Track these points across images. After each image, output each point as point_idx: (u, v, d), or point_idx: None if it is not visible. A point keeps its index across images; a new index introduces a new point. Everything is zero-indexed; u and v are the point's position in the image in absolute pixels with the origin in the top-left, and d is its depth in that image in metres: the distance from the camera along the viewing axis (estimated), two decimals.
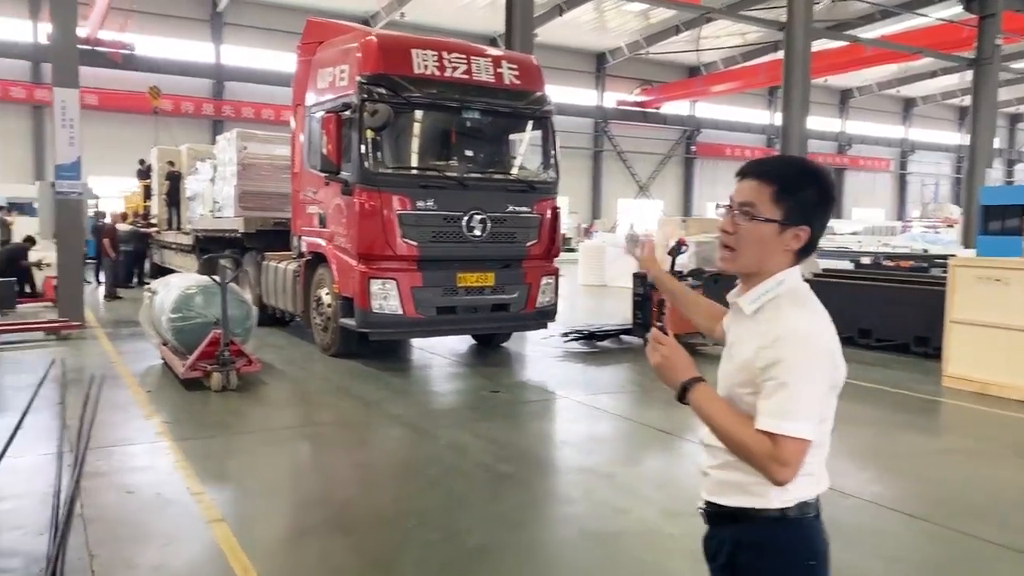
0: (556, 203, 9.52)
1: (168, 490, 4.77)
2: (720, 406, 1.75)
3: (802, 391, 1.65)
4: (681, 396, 1.78)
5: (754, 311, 1.78)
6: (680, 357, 1.78)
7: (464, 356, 9.81)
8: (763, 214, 1.76)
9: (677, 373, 1.77)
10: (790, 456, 1.63)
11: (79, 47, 29.44)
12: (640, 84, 41.75)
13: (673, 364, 1.78)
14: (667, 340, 1.81)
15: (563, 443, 6.10)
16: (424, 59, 8.61)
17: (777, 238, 1.76)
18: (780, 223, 1.76)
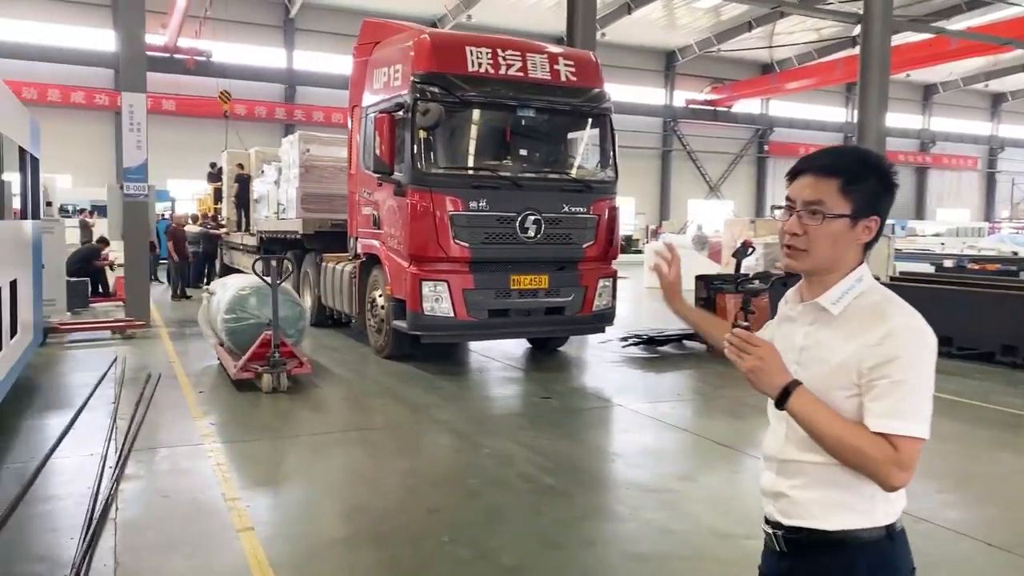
0: (615, 203, 9.21)
1: (204, 496, 4.69)
2: (827, 410, 1.62)
3: (919, 388, 1.58)
4: (781, 401, 1.64)
5: (841, 310, 1.68)
6: (776, 360, 1.66)
7: (519, 360, 9.60)
8: (833, 210, 1.67)
9: (774, 376, 1.65)
10: (911, 458, 1.55)
11: (158, 55, 30.53)
12: (710, 82, 40.83)
13: (771, 367, 1.65)
14: (759, 341, 1.68)
15: (613, 455, 5.81)
16: (478, 57, 8.43)
17: (849, 233, 1.68)
18: (851, 217, 1.68)
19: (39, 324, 8.59)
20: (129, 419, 6.34)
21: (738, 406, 7.38)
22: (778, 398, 1.64)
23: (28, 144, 7.74)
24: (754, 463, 5.54)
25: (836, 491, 1.64)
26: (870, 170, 1.70)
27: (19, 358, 6.91)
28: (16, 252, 6.93)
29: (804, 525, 1.69)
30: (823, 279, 1.72)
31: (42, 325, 8.96)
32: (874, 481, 1.57)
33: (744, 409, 7.25)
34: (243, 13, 32.73)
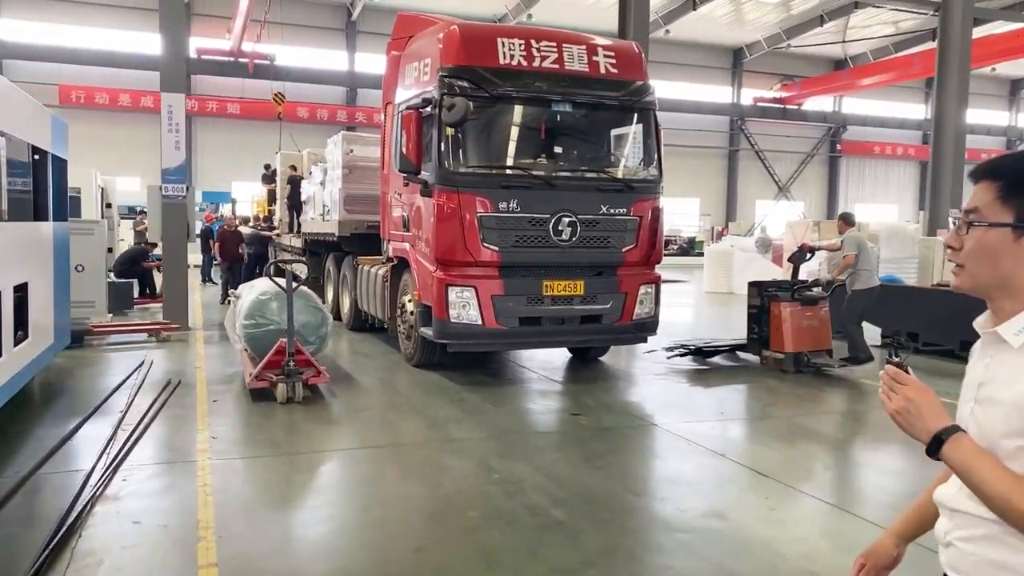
0: (659, 204, 8.58)
1: (177, 522, 4.31)
2: (991, 463, 1.41)
3: None
4: (933, 450, 1.45)
5: (1022, 343, 1.43)
6: (929, 400, 1.48)
7: (556, 371, 9.05)
8: (988, 218, 1.47)
9: (926, 421, 1.47)
10: None
11: (223, 59, 31.00)
12: (780, 79, 39.40)
13: (920, 408, 1.47)
14: (909, 380, 1.50)
15: (637, 485, 5.22)
16: (510, 49, 7.92)
17: (1013, 245, 1.44)
18: (1013, 226, 1.44)
19: (64, 327, 8.45)
20: (131, 430, 6.06)
21: (787, 429, 6.68)
22: (929, 445, 1.45)
23: (48, 144, 7.58)
24: (795, 499, 4.89)
25: (1008, 552, 1.42)
26: None
27: (28, 364, 6.71)
28: (25, 254, 6.73)
29: None
30: (1000, 303, 1.49)
31: (68, 328, 8.82)
32: None
33: (793, 433, 6.56)
34: (306, 16, 33.05)
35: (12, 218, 6.37)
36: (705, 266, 20.70)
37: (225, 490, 4.83)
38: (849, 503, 4.89)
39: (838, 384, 8.43)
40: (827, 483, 5.51)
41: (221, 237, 16.17)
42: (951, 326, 9.08)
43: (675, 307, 16.38)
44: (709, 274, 20.18)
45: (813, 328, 8.99)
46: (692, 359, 9.55)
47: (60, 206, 8.48)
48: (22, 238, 6.63)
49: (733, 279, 19.82)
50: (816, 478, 5.55)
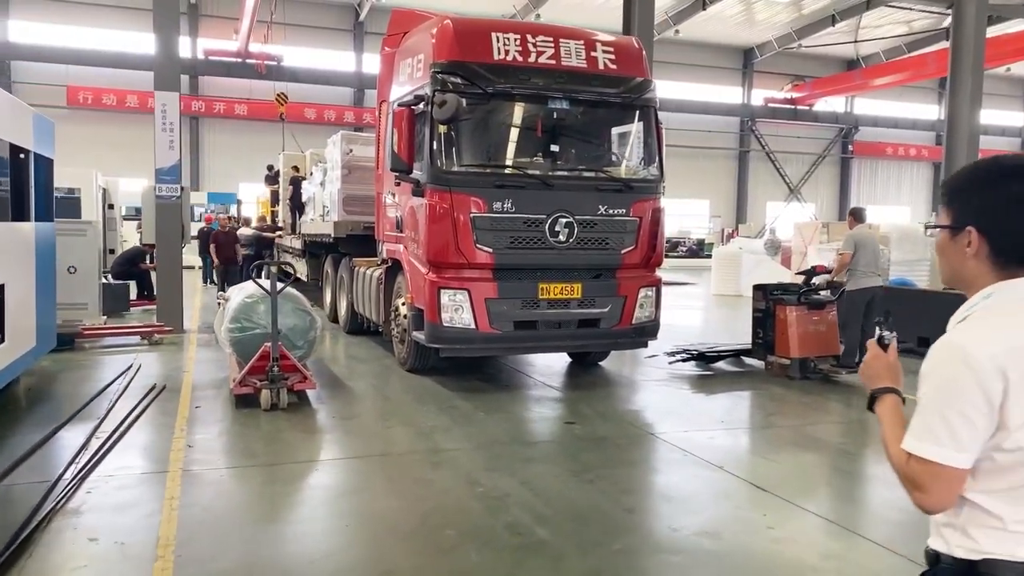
0: (659, 204, 8.29)
1: (135, 540, 4.06)
2: (893, 421, 1.68)
3: (937, 408, 1.53)
4: (870, 404, 1.76)
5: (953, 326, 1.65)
6: (880, 366, 1.77)
7: (554, 376, 8.77)
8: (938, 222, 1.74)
9: (871, 380, 1.77)
10: (924, 481, 1.54)
11: (231, 60, 30.86)
12: (791, 80, 38.99)
13: (869, 371, 1.79)
14: (873, 347, 1.80)
15: (627, 500, 4.92)
16: (505, 43, 7.66)
17: (950, 244, 1.70)
18: (950, 228, 1.69)
19: (48, 329, 8.24)
20: (105, 438, 5.83)
21: (791, 439, 6.39)
22: (868, 402, 1.76)
23: (29, 142, 7.37)
24: (796, 516, 4.60)
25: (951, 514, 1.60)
26: (972, 180, 1.69)
27: (4, 368, 6.50)
28: (2, 256, 6.52)
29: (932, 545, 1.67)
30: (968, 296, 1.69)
31: (54, 330, 8.62)
32: None
33: (797, 443, 6.27)
34: (314, 17, 32.94)
35: None
36: (713, 268, 20.36)
37: (193, 504, 4.59)
38: (854, 522, 4.59)
39: (846, 391, 8.11)
40: (831, 499, 5.20)
41: (215, 239, 15.95)
42: None
43: (682, 310, 16.08)
44: (717, 276, 19.85)
45: (820, 333, 8.68)
46: (695, 364, 9.26)
47: (45, 206, 8.28)
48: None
49: (741, 281, 19.47)
50: (820, 493, 5.26)
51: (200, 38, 32.14)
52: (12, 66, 30.12)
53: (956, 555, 1.57)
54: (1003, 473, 1.52)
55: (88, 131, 29.97)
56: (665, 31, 32.24)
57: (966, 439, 1.50)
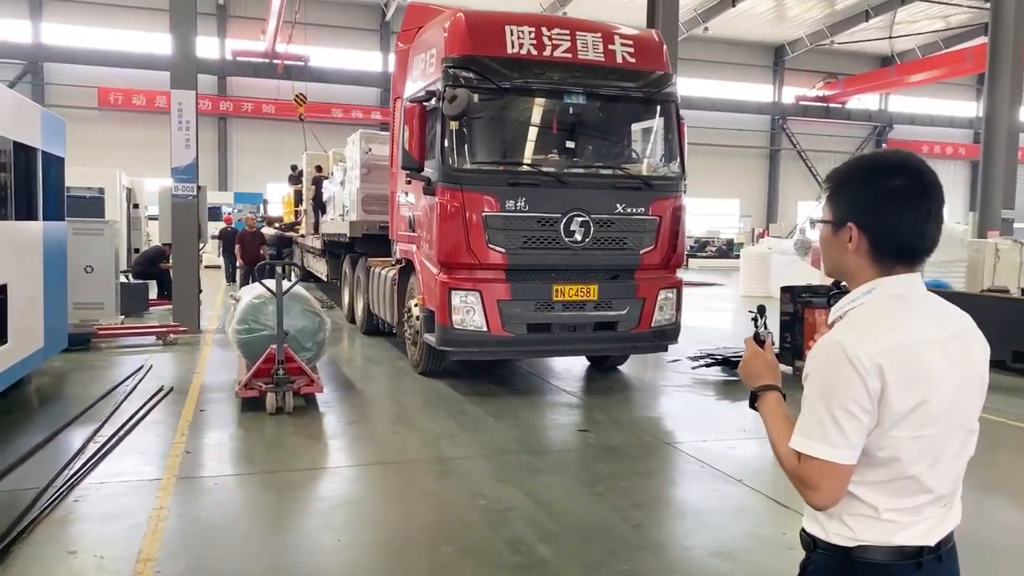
0: (680, 203, 7.97)
1: (116, 553, 3.88)
2: (778, 419, 1.70)
3: (823, 406, 1.56)
4: (752, 403, 1.78)
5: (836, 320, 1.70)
6: (758, 363, 1.79)
7: (570, 380, 8.50)
8: (822, 217, 1.75)
9: (751, 379, 1.79)
10: (815, 479, 1.56)
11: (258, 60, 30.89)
12: (823, 77, 38.22)
13: (749, 369, 1.81)
14: (750, 344, 1.83)
15: (640, 515, 4.64)
16: (519, 37, 7.41)
17: (833, 239, 1.71)
18: (831, 223, 1.71)
19: (58, 329, 8.16)
20: (103, 442, 5.68)
21: None
22: (749, 399, 1.80)
23: (36, 141, 7.28)
24: None
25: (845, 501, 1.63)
26: (852, 177, 1.71)
27: (7, 369, 6.40)
28: (3, 255, 6.41)
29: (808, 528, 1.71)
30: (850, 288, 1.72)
31: (64, 330, 8.54)
32: None
33: None
34: (341, 18, 32.99)
35: None
36: (742, 269, 19.92)
37: (182, 514, 4.40)
38: None
39: None
40: None
41: (241, 239, 15.90)
42: (1002, 335, 8.33)
43: (709, 312, 15.72)
44: (746, 277, 19.41)
45: None
46: (720, 370, 8.91)
47: (56, 205, 8.21)
48: None
49: (771, 283, 19.03)
50: None
51: (228, 39, 32.34)
52: (45, 68, 30.52)
53: (833, 542, 1.63)
54: (877, 467, 1.58)
55: (118, 132, 30.30)
56: (694, 28, 31.76)
57: (853, 436, 1.53)
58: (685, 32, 31.42)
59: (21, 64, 29.97)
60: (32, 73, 30.19)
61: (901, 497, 1.59)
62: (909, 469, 1.57)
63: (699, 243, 33.96)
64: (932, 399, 1.56)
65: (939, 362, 1.57)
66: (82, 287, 10.62)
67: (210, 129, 32.77)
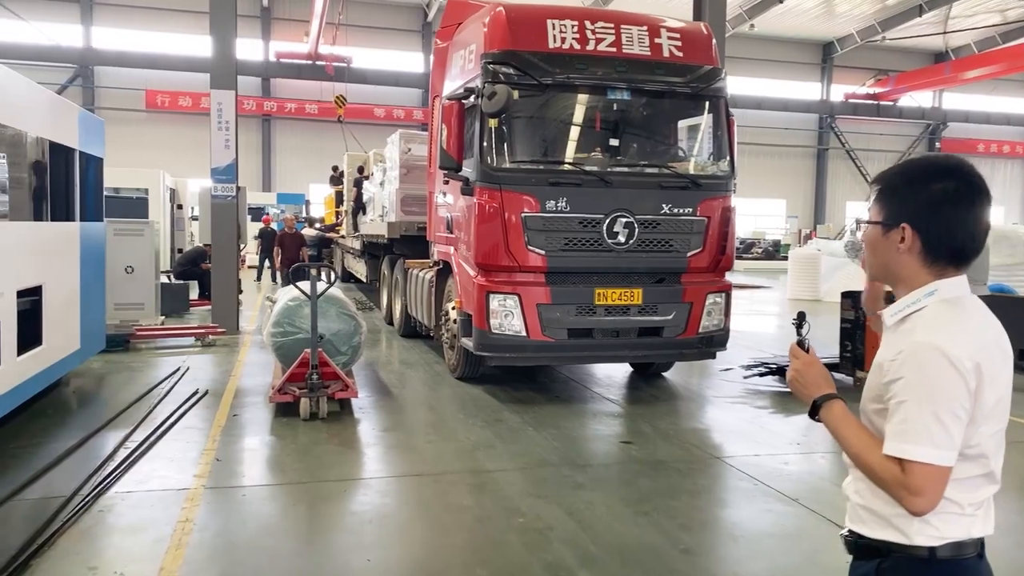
0: (730, 203, 7.63)
1: (134, 570, 3.71)
2: (852, 427, 1.68)
3: (926, 411, 1.54)
4: (813, 414, 1.74)
5: (896, 322, 1.70)
6: (814, 372, 1.75)
7: (613, 388, 8.20)
8: (870, 218, 1.76)
9: (809, 388, 1.75)
10: (921, 484, 1.54)
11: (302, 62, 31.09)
12: (874, 74, 37.22)
13: (805, 379, 1.76)
14: (800, 353, 1.78)
15: (689, 537, 4.33)
16: (561, 31, 7.14)
17: (882, 240, 1.72)
18: (881, 224, 1.72)
19: (96, 331, 8.11)
20: (133, 448, 5.56)
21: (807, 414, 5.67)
22: (810, 410, 1.74)
23: (73, 141, 7.22)
24: None
25: (878, 501, 1.65)
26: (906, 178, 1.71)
27: (42, 371, 6.33)
28: (38, 256, 6.34)
29: (856, 530, 1.73)
30: (896, 291, 1.73)
31: (102, 332, 8.50)
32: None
33: None
34: (383, 19, 33.07)
35: (20, 217, 5.99)
36: (789, 271, 19.34)
37: (207, 527, 4.22)
38: None
39: None
40: None
41: (281, 240, 15.88)
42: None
43: (756, 316, 15.26)
44: (794, 280, 18.84)
45: None
46: (776, 379, 8.46)
47: (95, 206, 8.16)
48: (32, 239, 6.23)
49: (820, 286, 18.46)
50: None
51: (272, 41, 32.62)
52: (95, 71, 31.11)
53: (917, 542, 1.62)
54: (966, 463, 1.60)
55: (165, 133, 30.75)
56: (740, 26, 31.12)
57: (958, 437, 1.55)
58: (731, 30, 30.81)
59: (73, 68, 30.59)
60: (83, 77, 30.79)
61: (978, 491, 1.64)
62: (991, 464, 1.64)
63: (744, 244, 33.29)
64: (1005, 394, 1.64)
65: (1000, 358, 1.64)
66: (122, 288, 10.64)
67: (254, 131, 33.13)
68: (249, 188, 31.36)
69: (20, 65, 26.94)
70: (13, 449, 5.60)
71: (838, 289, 17.95)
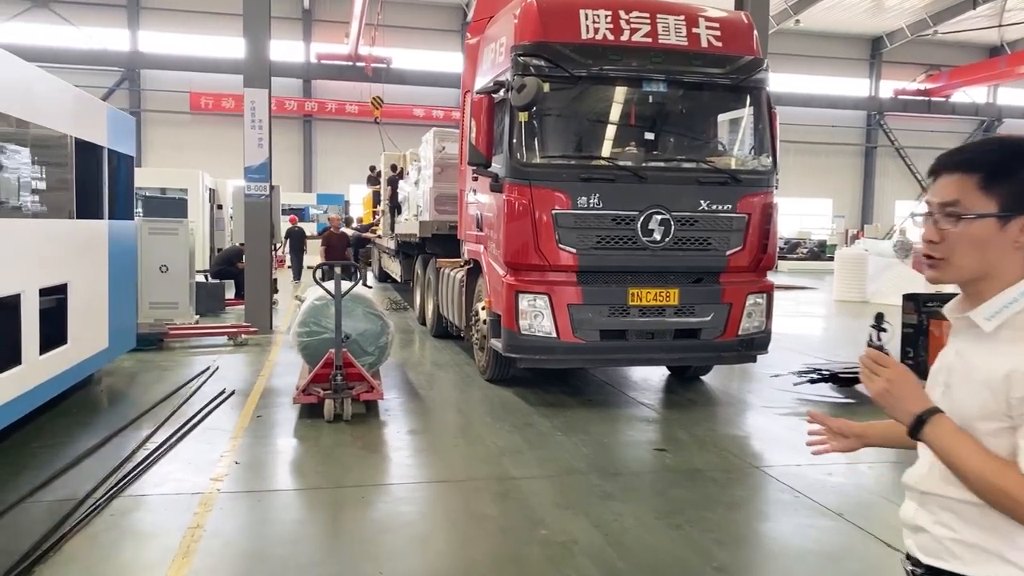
0: (772, 199, 7.29)
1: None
2: (969, 445, 1.44)
3: None
4: (914, 431, 1.48)
5: (996, 327, 1.47)
6: (909, 383, 1.51)
7: (648, 392, 7.91)
8: (972, 209, 1.48)
9: (906, 402, 1.50)
10: None
11: (342, 63, 31.23)
12: (925, 70, 36.13)
13: (901, 391, 1.50)
14: (890, 362, 1.52)
15: (724, 554, 4.04)
16: (595, 21, 6.88)
17: (999, 234, 1.47)
18: (998, 216, 1.47)
19: (125, 329, 8.08)
20: (153, 449, 5.46)
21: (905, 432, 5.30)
22: (911, 427, 1.49)
23: (102, 139, 7.17)
24: None
25: (983, 534, 1.46)
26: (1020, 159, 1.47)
27: (67, 370, 6.27)
28: (63, 254, 6.29)
29: (945, 567, 1.52)
30: (979, 289, 1.52)
31: (132, 330, 8.47)
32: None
33: None
34: (422, 20, 33.07)
35: (44, 215, 5.94)
36: (835, 272, 18.75)
37: (218, 534, 4.07)
38: None
39: None
40: None
41: (327, 240, 15.82)
42: None
43: (801, 318, 14.77)
44: (840, 281, 18.24)
45: None
46: (831, 387, 7.95)
47: (124, 203, 8.13)
48: (56, 236, 6.18)
49: (867, 287, 17.85)
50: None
51: (313, 42, 32.84)
52: (142, 75, 31.65)
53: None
54: None
55: (208, 135, 31.14)
56: (785, 21, 30.43)
57: None
58: (776, 25, 30.14)
59: (120, 72, 31.17)
60: (129, 80, 31.35)
61: None
62: None
63: (789, 244, 32.53)
64: None
65: None
66: (157, 287, 10.67)
67: (295, 131, 33.43)
68: (290, 188, 31.81)
69: (70, 69, 27.60)
70: (35, 448, 5.54)
71: (885, 291, 17.41)
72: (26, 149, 5.55)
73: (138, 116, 31.56)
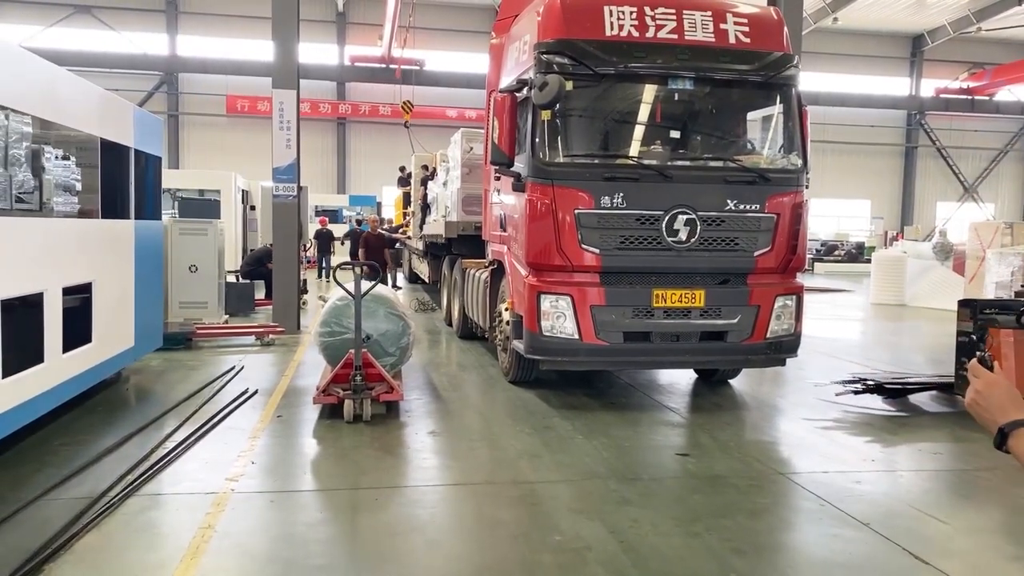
0: (801, 199, 7.10)
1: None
2: None
3: None
4: (998, 442, 1.48)
5: None
6: (1000, 393, 1.50)
7: (674, 395, 7.76)
8: None
9: (993, 413, 1.49)
10: None
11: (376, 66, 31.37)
12: (968, 68, 35.31)
13: (989, 401, 1.50)
14: (982, 373, 1.53)
15: (742, 565, 3.90)
16: (619, 18, 6.76)
17: None
18: None
19: (151, 329, 8.15)
20: (171, 448, 5.47)
21: (969, 489, 5.11)
22: (994, 438, 1.48)
23: (128, 139, 7.24)
24: None
25: None
26: None
27: (90, 369, 6.33)
28: (87, 253, 6.34)
29: None
30: None
31: (158, 329, 8.55)
32: None
33: (980, 496, 4.99)
34: (454, 21, 33.14)
35: (68, 214, 6.00)
36: (872, 274, 18.32)
37: (227, 536, 4.04)
38: None
39: None
40: None
41: (366, 241, 15.86)
42: None
43: (837, 321, 14.45)
44: (877, 283, 17.83)
45: None
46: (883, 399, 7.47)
47: (152, 204, 8.21)
48: (81, 235, 6.24)
49: (905, 290, 17.42)
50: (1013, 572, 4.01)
51: (347, 45, 33.09)
52: (180, 78, 32.17)
53: None
54: None
55: (244, 137, 31.51)
56: (822, 19, 29.93)
57: None
58: (813, 24, 29.67)
59: (159, 75, 31.71)
60: (168, 84, 31.87)
61: None
62: None
63: (826, 246, 31.97)
64: None
65: None
66: (186, 286, 10.74)
67: (329, 134, 33.72)
68: (324, 190, 32.09)
69: (111, 73, 28.13)
70: (57, 446, 5.58)
71: (925, 294, 16.99)
72: (51, 151, 5.60)
73: (176, 119, 32.08)
